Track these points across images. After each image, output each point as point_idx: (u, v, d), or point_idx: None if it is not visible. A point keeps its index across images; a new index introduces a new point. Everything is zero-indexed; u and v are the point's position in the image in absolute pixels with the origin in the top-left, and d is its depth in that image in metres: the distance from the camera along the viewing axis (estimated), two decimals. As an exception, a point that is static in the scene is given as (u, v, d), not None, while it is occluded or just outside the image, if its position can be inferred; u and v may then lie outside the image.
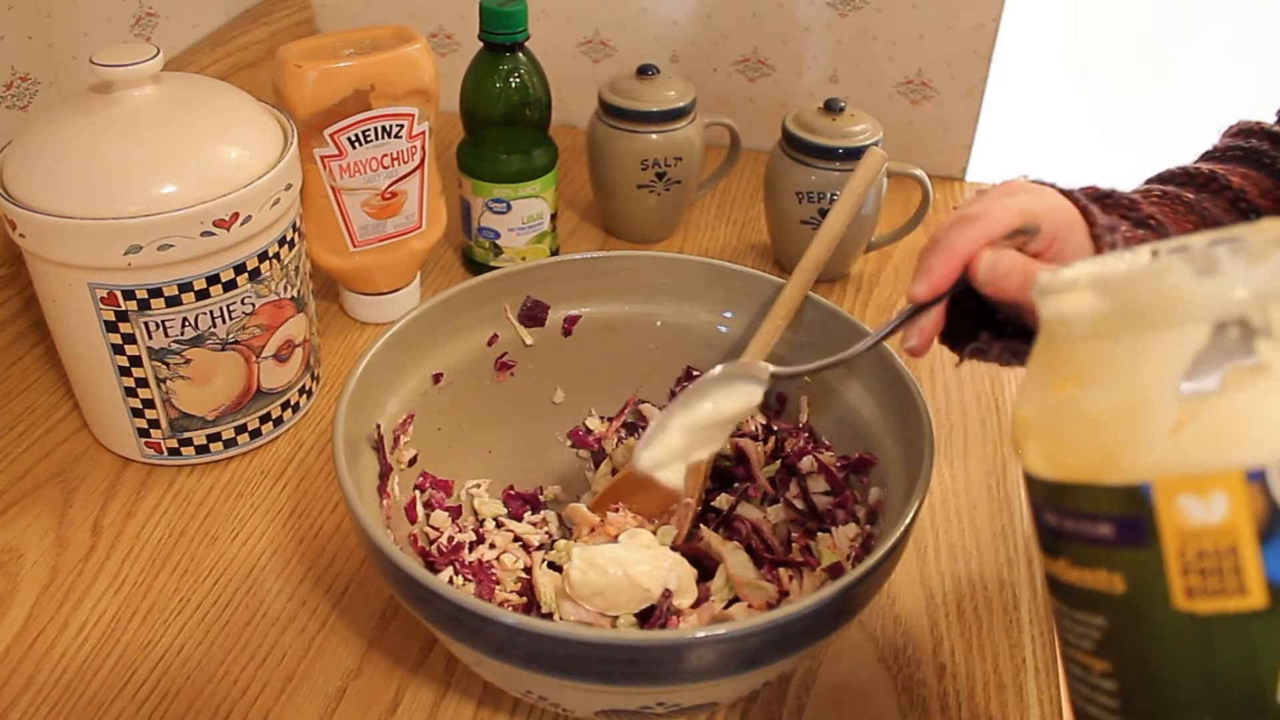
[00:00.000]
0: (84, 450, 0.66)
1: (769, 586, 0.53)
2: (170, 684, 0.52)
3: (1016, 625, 0.56)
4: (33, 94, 0.74)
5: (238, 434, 0.64)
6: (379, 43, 0.69)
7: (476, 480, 0.59)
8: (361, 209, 0.72)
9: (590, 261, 0.61)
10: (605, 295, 0.61)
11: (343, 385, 0.50)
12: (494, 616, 0.41)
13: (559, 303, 0.61)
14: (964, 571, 0.60)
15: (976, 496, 0.65)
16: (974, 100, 0.95)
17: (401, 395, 0.55)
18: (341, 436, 0.48)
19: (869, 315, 0.80)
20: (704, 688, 0.43)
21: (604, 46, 1.01)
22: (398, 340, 0.54)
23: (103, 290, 0.57)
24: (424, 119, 0.71)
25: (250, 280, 0.60)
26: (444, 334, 0.57)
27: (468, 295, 0.58)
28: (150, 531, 0.60)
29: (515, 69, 0.74)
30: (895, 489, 0.51)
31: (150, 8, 0.85)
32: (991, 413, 0.71)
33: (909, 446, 0.50)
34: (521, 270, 0.59)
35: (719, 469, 0.60)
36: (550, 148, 0.78)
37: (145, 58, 0.56)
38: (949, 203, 0.95)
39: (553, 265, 0.60)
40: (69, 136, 0.57)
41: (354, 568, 0.59)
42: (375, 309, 0.77)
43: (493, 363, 0.60)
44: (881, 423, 0.54)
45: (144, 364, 0.59)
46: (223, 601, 0.56)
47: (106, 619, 0.55)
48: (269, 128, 0.62)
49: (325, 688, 0.52)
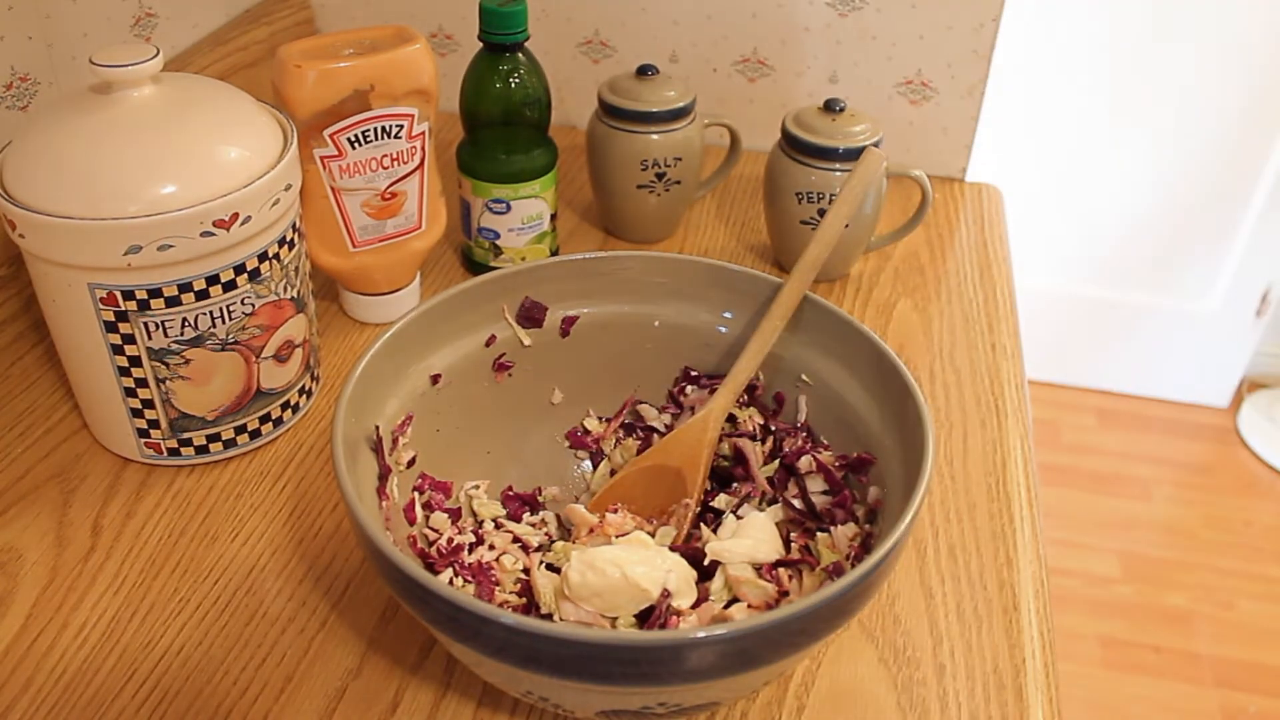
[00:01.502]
0: (84, 450, 0.66)
1: (769, 586, 0.53)
2: (170, 684, 0.52)
3: (1016, 625, 0.57)
4: (33, 94, 0.74)
5: (237, 434, 0.64)
6: (379, 43, 0.69)
7: (475, 481, 0.59)
8: (361, 209, 0.72)
9: (588, 262, 0.61)
10: (603, 295, 0.61)
11: (341, 387, 0.50)
12: (494, 617, 0.41)
13: (557, 303, 0.61)
14: (964, 571, 0.60)
15: (976, 496, 0.65)
16: (974, 100, 0.95)
17: (400, 396, 0.55)
18: (341, 438, 0.48)
19: (869, 315, 0.80)
20: (704, 688, 0.43)
21: (604, 46, 1.01)
22: (396, 342, 0.54)
23: (102, 290, 0.57)
24: (424, 119, 0.71)
25: (250, 280, 0.60)
26: (442, 335, 0.57)
27: (465, 296, 0.58)
28: (150, 532, 0.60)
29: (515, 69, 0.74)
30: (894, 488, 0.51)
31: (150, 8, 0.85)
32: (991, 413, 0.71)
33: (908, 446, 0.50)
34: (519, 271, 0.59)
35: (718, 469, 0.60)
36: (550, 148, 0.78)
37: (145, 58, 0.56)
38: (949, 203, 0.95)
39: (550, 266, 0.60)
40: (69, 136, 0.57)
41: (354, 568, 0.59)
42: (375, 309, 0.77)
43: (491, 364, 0.60)
44: (880, 422, 0.54)
45: (144, 364, 0.59)
46: (222, 602, 0.56)
47: (106, 619, 0.55)
48: (269, 128, 0.62)
49: (325, 688, 0.52)
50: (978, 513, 0.63)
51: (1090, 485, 2.04)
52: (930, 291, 0.83)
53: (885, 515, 0.51)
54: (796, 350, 0.59)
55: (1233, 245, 2.06)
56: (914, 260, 0.87)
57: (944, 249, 0.89)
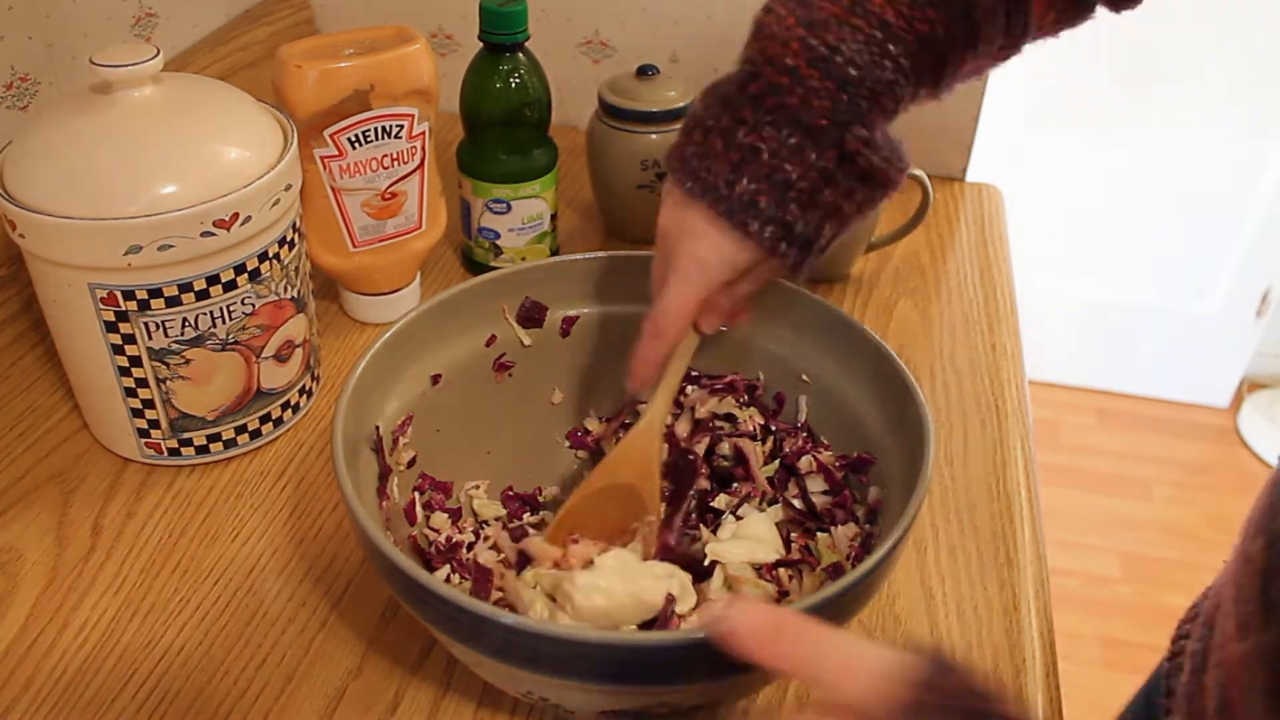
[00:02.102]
0: (84, 450, 0.66)
1: (769, 586, 0.53)
2: (170, 684, 0.52)
3: (1016, 625, 0.56)
4: (33, 94, 0.74)
5: (238, 434, 0.64)
6: (379, 43, 0.69)
7: (475, 481, 0.59)
8: (361, 209, 0.72)
9: (588, 262, 0.61)
10: (603, 296, 0.61)
11: (341, 387, 0.50)
12: (494, 617, 0.41)
13: (557, 303, 0.61)
14: (964, 571, 0.60)
15: (976, 496, 0.65)
16: (974, 100, 0.95)
17: (400, 396, 0.55)
18: (340, 438, 0.48)
19: (869, 315, 0.80)
20: (705, 688, 0.43)
21: (604, 46, 1.01)
22: (396, 341, 0.54)
23: (103, 290, 0.57)
24: (424, 119, 0.71)
25: (250, 280, 0.60)
26: (442, 335, 0.57)
27: (465, 296, 0.58)
28: (150, 532, 0.60)
29: (515, 69, 0.74)
30: (894, 488, 0.51)
31: (150, 8, 0.85)
32: (991, 413, 0.71)
33: (908, 446, 0.50)
34: (519, 271, 0.59)
35: (718, 470, 0.60)
36: (550, 148, 0.78)
37: (145, 58, 0.56)
38: (949, 203, 0.95)
39: (550, 266, 0.60)
40: (69, 137, 0.57)
41: (354, 568, 0.59)
42: (375, 309, 0.77)
43: (491, 363, 0.60)
44: (881, 423, 0.54)
45: (144, 364, 0.59)
46: (223, 601, 0.56)
47: (106, 619, 0.55)
48: (269, 128, 0.62)
49: (325, 688, 0.52)
50: (978, 513, 0.63)
51: (1090, 485, 2.04)
52: (930, 292, 0.83)
53: (885, 515, 0.51)
54: (797, 350, 0.59)
55: (1233, 245, 2.05)
56: (914, 260, 0.87)
57: (944, 249, 0.89)
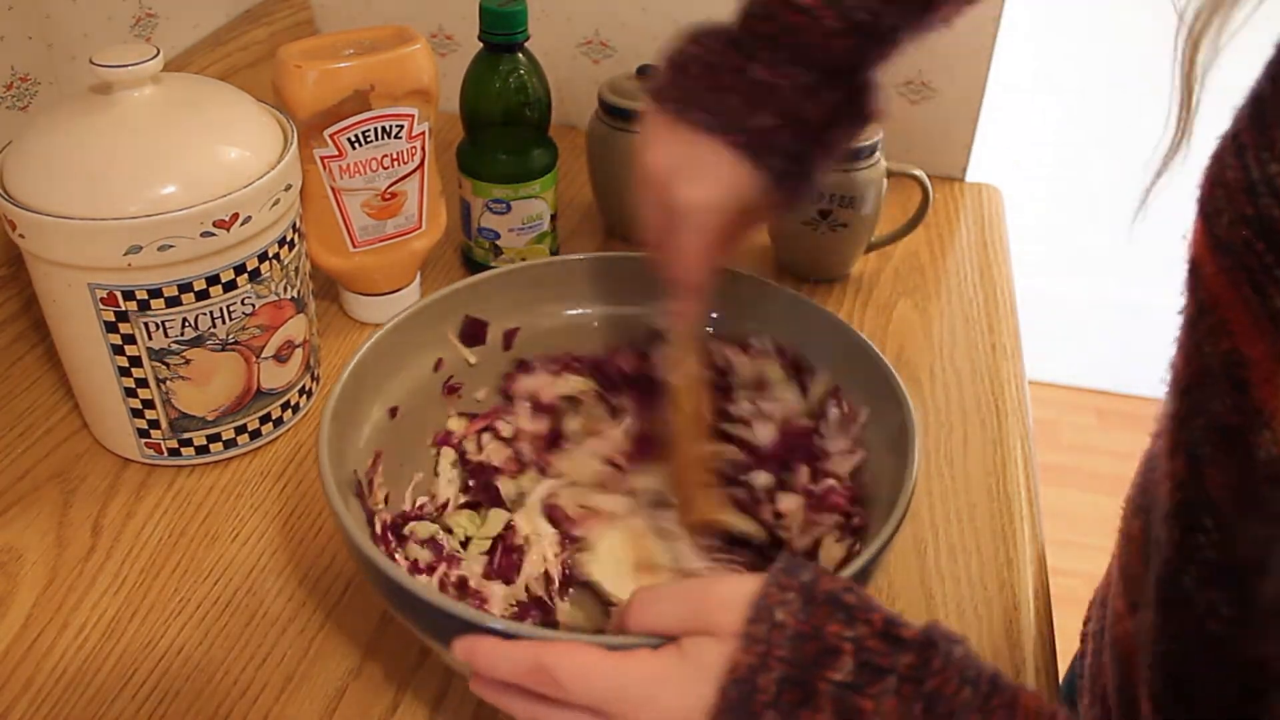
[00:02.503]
0: (84, 450, 0.66)
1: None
2: (170, 684, 0.52)
3: (1016, 625, 0.56)
4: (33, 94, 0.74)
5: (238, 434, 0.64)
6: (379, 43, 0.69)
7: (444, 498, 0.59)
8: (361, 209, 0.72)
9: (522, 271, 0.61)
10: (541, 303, 0.61)
11: (316, 435, 0.49)
12: (481, 623, 0.40)
13: (497, 317, 0.61)
14: (964, 571, 0.60)
15: (976, 496, 0.65)
16: (974, 100, 0.95)
17: (366, 435, 0.54)
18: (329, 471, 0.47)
19: (869, 315, 0.80)
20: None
21: (604, 46, 1.01)
22: (354, 381, 0.53)
23: (103, 290, 0.57)
24: (424, 119, 0.71)
25: (250, 281, 0.60)
26: (393, 366, 0.56)
27: (408, 324, 0.57)
28: (150, 532, 0.60)
29: (515, 69, 0.74)
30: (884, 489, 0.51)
31: (150, 8, 0.85)
32: (991, 413, 0.71)
33: (897, 449, 0.50)
34: (455, 291, 0.59)
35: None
36: (550, 148, 0.78)
37: (145, 58, 0.56)
38: (949, 203, 0.95)
39: (487, 280, 0.60)
40: (69, 137, 0.57)
41: (353, 568, 0.58)
42: (375, 309, 0.77)
43: (440, 387, 0.60)
44: (873, 424, 0.54)
45: (144, 364, 0.59)
46: (222, 602, 0.56)
47: (106, 619, 0.55)
48: (269, 128, 0.62)
49: (325, 688, 0.52)
50: (978, 513, 0.63)
51: (1090, 485, 2.04)
52: (930, 291, 0.83)
53: (874, 514, 0.51)
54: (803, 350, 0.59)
55: (1233, 245, 2.05)
56: (914, 260, 0.87)
57: (944, 249, 0.89)
